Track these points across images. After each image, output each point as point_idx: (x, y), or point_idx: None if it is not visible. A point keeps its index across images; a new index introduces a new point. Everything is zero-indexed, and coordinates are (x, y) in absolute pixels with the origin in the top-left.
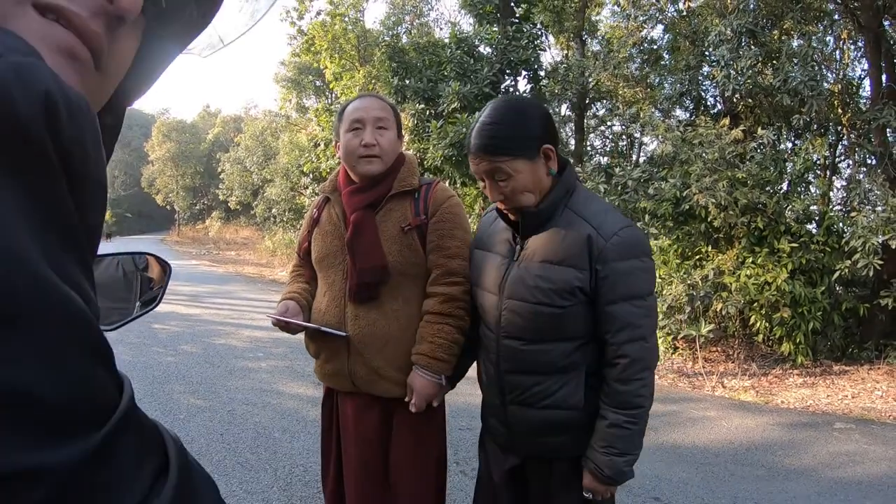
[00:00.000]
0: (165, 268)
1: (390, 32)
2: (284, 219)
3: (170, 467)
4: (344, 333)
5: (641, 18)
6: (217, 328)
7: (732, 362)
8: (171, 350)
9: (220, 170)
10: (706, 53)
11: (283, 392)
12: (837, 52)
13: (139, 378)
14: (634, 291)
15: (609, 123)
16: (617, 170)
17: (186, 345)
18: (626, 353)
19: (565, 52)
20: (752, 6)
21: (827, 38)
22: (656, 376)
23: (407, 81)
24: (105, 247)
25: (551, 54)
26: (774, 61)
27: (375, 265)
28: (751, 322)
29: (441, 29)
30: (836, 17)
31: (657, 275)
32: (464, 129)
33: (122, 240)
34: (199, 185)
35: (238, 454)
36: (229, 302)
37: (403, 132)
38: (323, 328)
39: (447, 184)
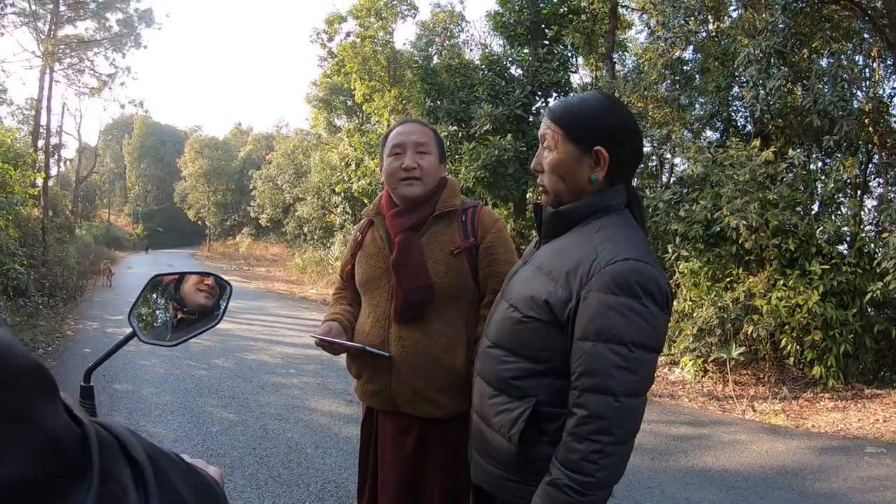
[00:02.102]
0: (226, 287)
1: (422, 54)
2: (315, 237)
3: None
4: (387, 354)
5: (671, 39)
6: (249, 343)
7: (763, 386)
8: (204, 364)
9: (251, 187)
10: (736, 74)
11: (315, 408)
12: (867, 70)
13: (172, 391)
14: (615, 334)
15: None
16: (647, 191)
17: (219, 359)
18: (585, 404)
19: (595, 73)
20: (780, 26)
21: (856, 57)
22: (686, 399)
23: (439, 103)
24: (143, 259)
25: (581, 76)
26: (804, 81)
27: (421, 284)
28: (782, 345)
29: (472, 50)
30: (866, 35)
31: (686, 297)
32: (496, 151)
33: (155, 253)
34: (231, 202)
35: (271, 468)
36: (260, 318)
37: None
38: (367, 348)
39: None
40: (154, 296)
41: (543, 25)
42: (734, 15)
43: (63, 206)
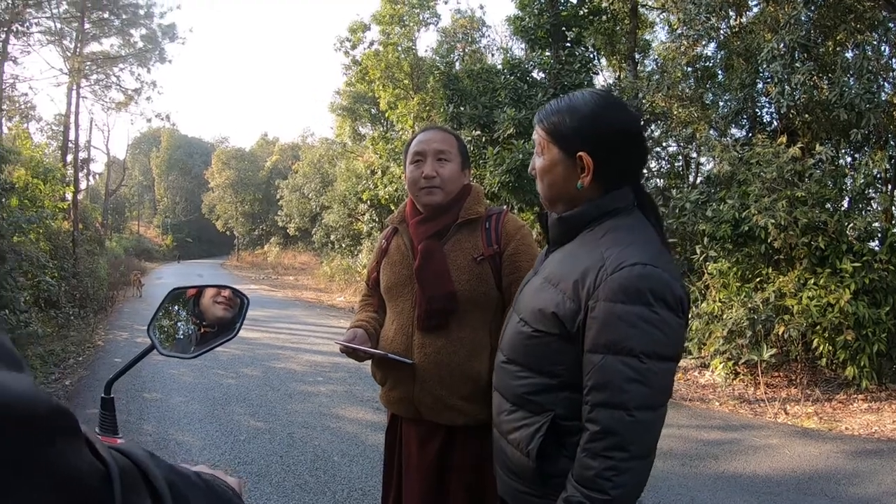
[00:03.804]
0: (243, 300)
1: (444, 60)
2: (342, 245)
3: None
4: (410, 361)
5: (693, 37)
6: (277, 352)
7: (795, 388)
8: (232, 373)
9: (278, 196)
10: (760, 70)
11: (343, 416)
12: (893, 60)
13: (200, 399)
14: (625, 345)
15: (664, 144)
16: (674, 192)
17: (247, 368)
18: (597, 419)
19: (618, 74)
20: (803, 19)
21: (882, 48)
22: (717, 403)
23: (462, 108)
24: (173, 269)
25: (604, 77)
26: (829, 74)
27: (444, 292)
28: (813, 345)
29: (493, 55)
30: (891, 24)
31: (715, 298)
32: (520, 156)
33: (185, 263)
34: (258, 212)
35: (297, 476)
36: (289, 326)
37: None
38: (389, 355)
39: (505, 208)
40: (175, 309)
41: (564, 28)
42: (756, 9)
43: (93, 219)
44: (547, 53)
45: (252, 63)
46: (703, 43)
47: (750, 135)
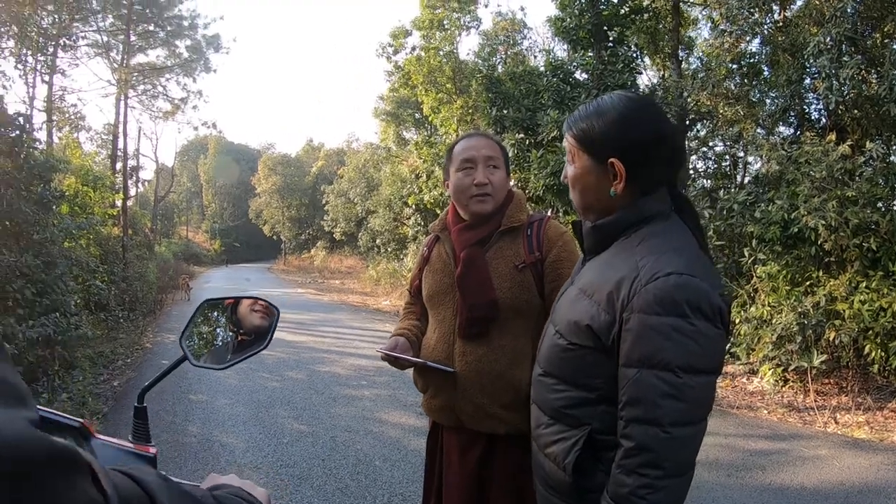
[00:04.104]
0: (274, 312)
1: (486, 63)
2: (388, 249)
3: None
4: (451, 369)
5: (737, 32)
6: (322, 356)
7: (846, 395)
8: (277, 376)
9: (324, 201)
10: (806, 65)
11: (386, 421)
12: None
13: (245, 402)
14: (660, 358)
15: (711, 144)
16: (721, 193)
17: (292, 371)
18: (632, 435)
19: (662, 73)
20: (849, 11)
21: None
22: (765, 411)
23: (505, 111)
24: (221, 273)
25: (648, 76)
26: (878, 68)
27: (486, 301)
28: (865, 351)
29: (535, 57)
30: None
31: (764, 303)
32: (565, 159)
33: (233, 267)
34: (305, 217)
35: (339, 480)
36: (334, 330)
37: None
38: (430, 363)
39: (549, 214)
40: (214, 315)
41: (605, 27)
42: (800, 3)
43: (142, 225)
44: (589, 54)
45: (296, 70)
46: (747, 39)
47: (798, 132)
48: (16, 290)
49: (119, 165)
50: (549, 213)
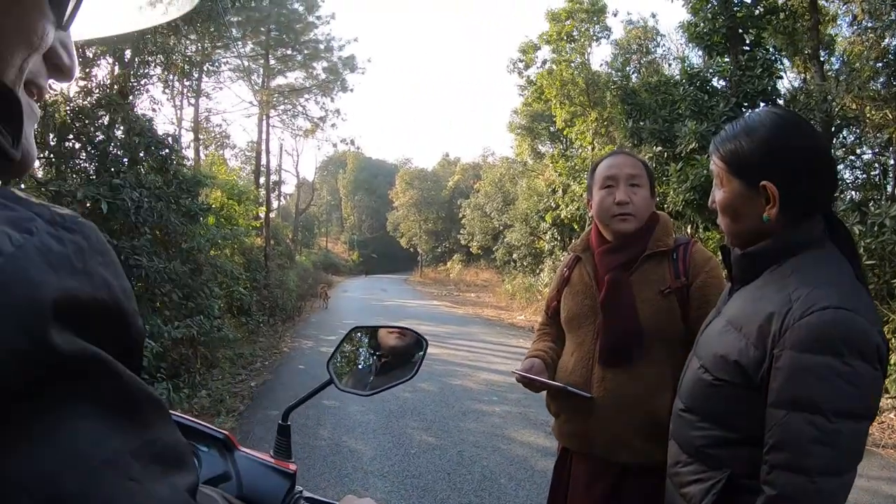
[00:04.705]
0: (422, 343)
1: (619, 74)
2: (524, 263)
3: None
4: (588, 395)
5: (881, 28)
6: (454, 369)
7: None
8: (409, 386)
9: (460, 215)
10: None
11: (514, 439)
12: None
13: (376, 411)
14: (812, 401)
15: (858, 152)
16: (871, 206)
17: (424, 383)
18: (775, 482)
19: (803, 75)
20: None
21: None
22: None
23: (642, 123)
24: (359, 283)
25: (788, 79)
26: None
27: (630, 328)
28: None
29: (670, 65)
30: None
31: None
32: (704, 171)
33: (370, 278)
34: (441, 230)
35: (463, 495)
36: (468, 343)
37: None
38: (568, 387)
39: (688, 229)
40: (358, 336)
41: (741, 30)
42: None
43: (284, 236)
44: (726, 59)
45: (431, 86)
46: (891, 34)
47: None
48: (164, 294)
49: (262, 180)
50: (692, 237)
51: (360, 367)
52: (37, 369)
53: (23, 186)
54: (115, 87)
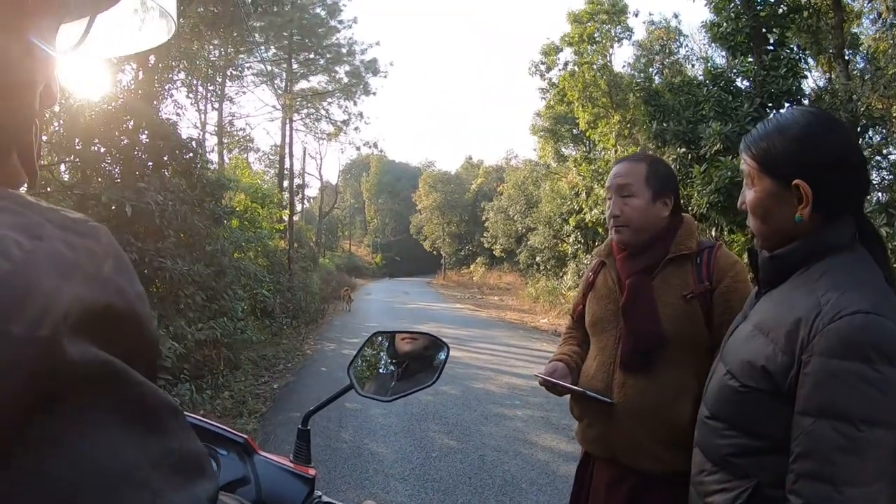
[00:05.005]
0: (444, 347)
1: (642, 75)
2: (547, 266)
3: None
4: (609, 400)
5: None
6: (476, 372)
7: None
8: (431, 390)
9: (483, 218)
10: None
11: (536, 443)
12: None
13: (398, 414)
14: (840, 408)
15: (885, 152)
16: None
17: (446, 386)
18: (800, 491)
19: (828, 75)
20: None
21: None
22: None
23: (665, 125)
24: (382, 285)
25: (813, 79)
26: None
27: (650, 332)
28: None
29: (693, 66)
30: None
31: None
32: (728, 173)
33: (393, 281)
34: (464, 233)
35: (483, 499)
36: (490, 347)
37: None
38: (588, 392)
39: (713, 232)
40: (380, 340)
41: (764, 29)
42: None
43: (307, 238)
44: (749, 59)
45: (454, 89)
46: None
47: None
48: (188, 296)
49: (286, 183)
50: (717, 240)
51: (381, 371)
52: (49, 381)
53: (48, 189)
54: (140, 92)
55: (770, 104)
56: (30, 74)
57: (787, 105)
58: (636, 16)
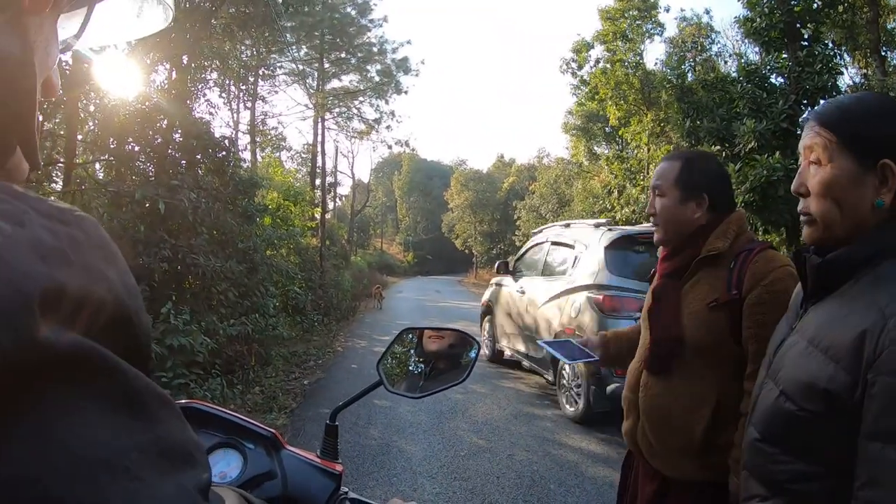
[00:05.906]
0: (474, 345)
1: (675, 72)
2: None
3: None
4: (595, 357)
5: None
6: (507, 371)
7: None
8: (461, 388)
9: (515, 217)
10: None
11: (565, 444)
12: None
13: (427, 411)
14: None
15: None
16: None
17: (476, 384)
18: None
19: (864, 71)
20: None
21: None
22: None
23: (699, 122)
24: (413, 284)
25: (849, 75)
26: None
27: (668, 337)
28: None
29: (726, 62)
30: None
31: None
32: (763, 172)
33: (424, 279)
34: (496, 231)
35: (511, 499)
36: None
37: None
38: (577, 361)
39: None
40: (409, 338)
41: (798, 25)
42: None
43: (339, 236)
44: (784, 55)
45: (486, 87)
46: None
47: None
48: (220, 292)
49: (318, 181)
50: (761, 244)
51: (410, 368)
52: (23, 364)
53: (84, 187)
54: (174, 91)
55: (805, 101)
56: (31, 67)
57: (822, 102)
58: (667, 11)
